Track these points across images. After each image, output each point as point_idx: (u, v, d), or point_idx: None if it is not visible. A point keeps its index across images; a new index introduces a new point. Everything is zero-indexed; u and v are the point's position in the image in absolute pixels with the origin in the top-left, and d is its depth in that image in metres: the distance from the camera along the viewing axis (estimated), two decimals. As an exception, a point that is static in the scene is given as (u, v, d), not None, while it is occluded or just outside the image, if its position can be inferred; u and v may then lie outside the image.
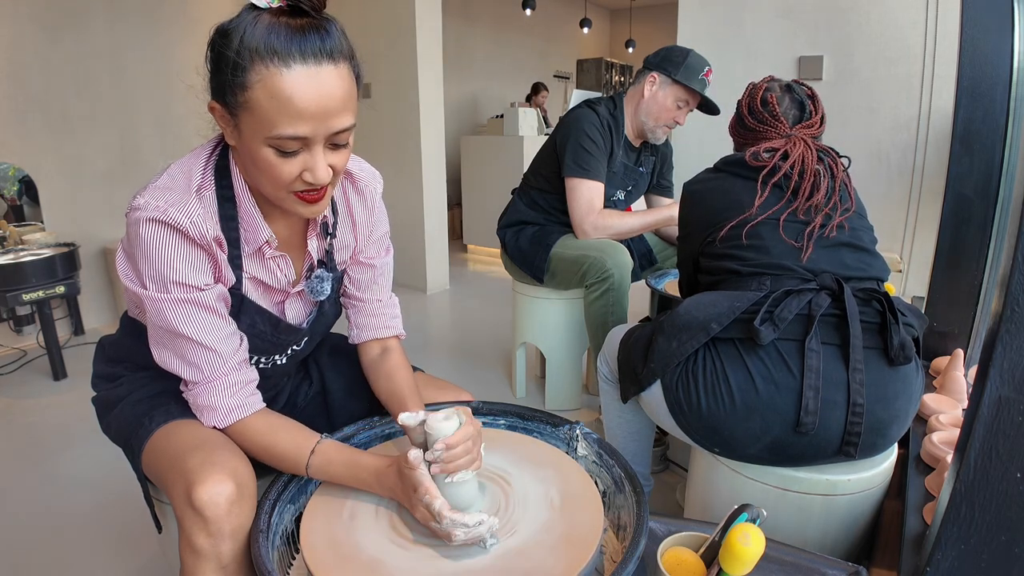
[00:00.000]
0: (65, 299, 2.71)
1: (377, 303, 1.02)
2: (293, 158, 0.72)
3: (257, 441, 0.84)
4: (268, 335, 0.91)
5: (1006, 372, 0.67)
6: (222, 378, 0.82)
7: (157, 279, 0.77)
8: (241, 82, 0.67)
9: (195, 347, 0.80)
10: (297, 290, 0.92)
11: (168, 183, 0.77)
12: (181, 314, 0.78)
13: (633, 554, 0.68)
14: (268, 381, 1.00)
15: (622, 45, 8.37)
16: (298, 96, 0.67)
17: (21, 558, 1.47)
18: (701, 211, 1.20)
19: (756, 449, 1.01)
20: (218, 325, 0.81)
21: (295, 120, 0.68)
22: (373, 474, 0.81)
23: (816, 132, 1.17)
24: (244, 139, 0.72)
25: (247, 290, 0.86)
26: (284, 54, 0.66)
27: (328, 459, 0.83)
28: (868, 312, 1.02)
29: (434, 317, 3.47)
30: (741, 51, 2.42)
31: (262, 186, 0.77)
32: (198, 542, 0.74)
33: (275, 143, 0.70)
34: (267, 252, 0.86)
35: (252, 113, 0.69)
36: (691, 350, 1.04)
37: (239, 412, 0.84)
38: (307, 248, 0.91)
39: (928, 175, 2.12)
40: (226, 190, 0.80)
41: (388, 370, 0.99)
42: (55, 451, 1.96)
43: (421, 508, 0.75)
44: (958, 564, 0.75)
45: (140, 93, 3.17)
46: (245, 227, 0.82)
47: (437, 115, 3.67)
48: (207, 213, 0.77)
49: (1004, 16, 1.32)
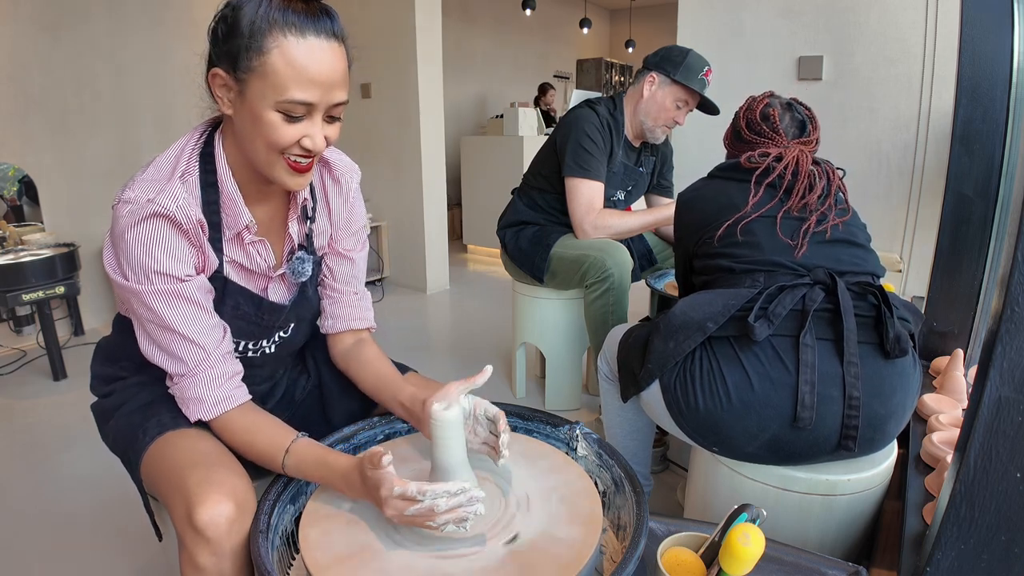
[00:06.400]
0: (65, 299, 2.71)
1: (353, 295, 1.05)
2: (296, 124, 0.76)
3: (238, 438, 0.85)
4: (252, 316, 0.92)
5: (1006, 372, 0.67)
6: (207, 370, 0.84)
7: (139, 270, 0.78)
8: (259, 46, 0.72)
9: (178, 339, 0.82)
10: (279, 273, 0.94)
11: (154, 174, 0.80)
12: (163, 305, 0.80)
13: (633, 554, 0.68)
14: (262, 371, 1.01)
15: (622, 45, 8.37)
16: (311, 65, 0.73)
17: (21, 558, 1.47)
18: (695, 215, 1.21)
19: (755, 447, 1.01)
20: (200, 317, 0.83)
21: (307, 87, 0.74)
22: (340, 476, 0.79)
23: (812, 148, 1.18)
24: (248, 104, 0.75)
25: (229, 273, 0.88)
26: (302, 27, 0.73)
27: (301, 458, 0.82)
28: (863, 306, 1.02)
29: (434, 317, 3.47)
30: (741, 51, 2.41)
31: (257, 152, 0.79)
32: (201, 561, 0.76)
33: (285, 107, 0.74)
34: (247, 237, 0.87)
35: (265, 77, 0.73)
36: (688, 350, 1.04)
37: (225, 404, 0.85)
38: (288, 231, 0.93)
39: (928, 175, 2.12)
40: (209, 175, 0.83)
41: (368, 358, 1.01)
42: (55, 451, 1.96)
43: (393, 502, 0.72)
44: (958, 564, 0.75)
45: (140, 93, 3.17)
46: (226, 212, 0.85)
47: (437, 115, 3.67)
48: (191, 197, 0.80)
49: (1004, 16, 1.32)
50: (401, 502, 0.72)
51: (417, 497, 0.71)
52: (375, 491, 0.74)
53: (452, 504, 0.70)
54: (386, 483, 0.72)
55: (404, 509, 0.72)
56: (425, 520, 0.71)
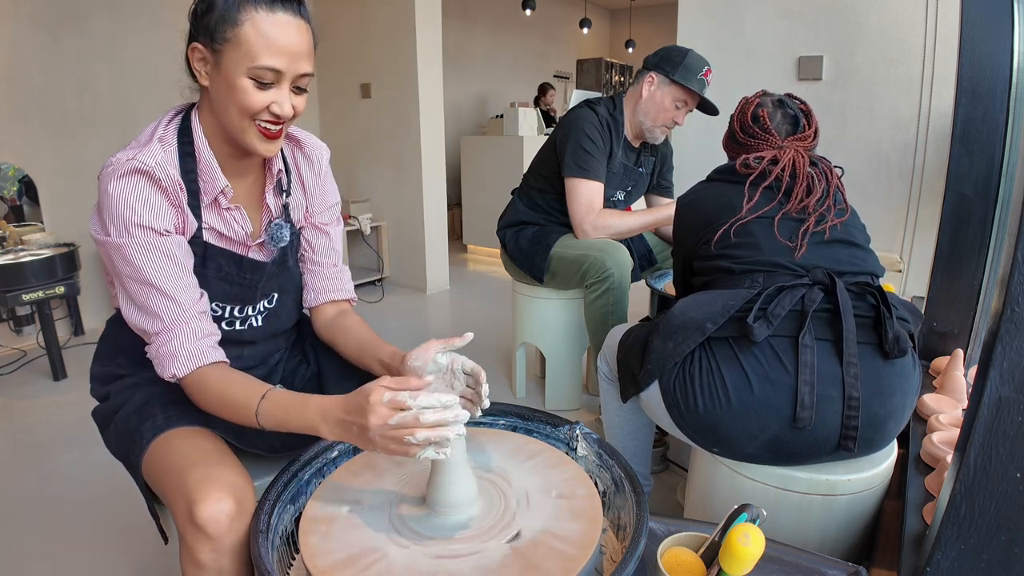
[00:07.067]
0: (65, 299, 2.71)
1: (333, 267, 1.10)
2: (266, 90, 0.84)
3: (213, 390, 0.84)
4: (235, 276, 0.96)
5: (1006, 372, 0.67)
6: (182, 325, 0.86)
7: (120, 223, 0.83)
8: (233, 19, 0.80)
9: (156, 294, 0.84)
10: (258, 242, 0.99)
11: (134, 144, 0.87)
12: (142, 258, 0.84)
13: (633, 554, 0.68)
14: (255, 349, 1.04)
15: (622, 45, 8.37)
16: (280, 36, 0.82)
17: (21, 558, 1.47)
18: (696, 216, 1.21)
19: (754, 448, 1.02)
20: (178, 273, 0.86)
21: (276, 55, 0.82)
22: (318, 411, 0.78)
23: (809, 144, 1.17)
24: (224, 73, 0.83)
25: (209, 239, 0.93)
26: (272, 4, 0.81)
27: (277, 403, 0.81)
28: (862, 306, 1.02)
29: (434, 317, 3.47)
30: (741, 51, 2.41)
31: (231, 118, 0.85)
32: (201, 557, 0.77)
33: (255, 73, 0.82)
34: (222, 202, 0.92)
35: (239, 47, 0.81)
36: (687, 350, 1.04)
37: (199, 359, 0.85)
38: (265, 203, 0.99)
39: (928, 175, 2.12)
40: (187, 146, 0.89)
41: (349, 326, 1.05)
42: (55, 451, 1.96)
43: (380, 409, 0.70)
44: (958, 564, 0.75)
45: (140, 93, 3.17)
46: (203, 179, 0.90)
47: (437, 115, 3.67)
48: (168, 160, 0.86)
49: (1004, 16, 1.32)
50: (387, 409, 0.70)
51: (408, 402, 0.70)
52: (363, 400, 0.72)
53: (438, 418, 0.69)
54: (377, 390, 0.72)
55: (389, 418, 0.70)
56: (405, 434, 0.69)
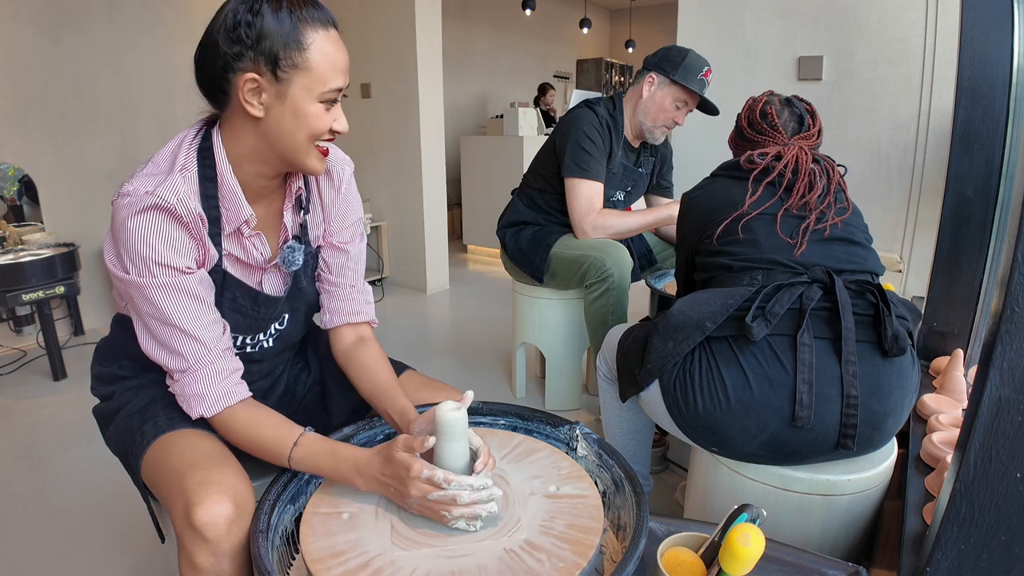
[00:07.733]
0: (65, 299, 2.71)
1: (350, 288, 1.04)
2: (330, 110, 0.82)
3: (242, 432, 0.85)
4: (248, 309, 0.93)
5: (1006, 372, 0.67)
6: (207, 366, 0.83)
7: (140, 262, 0.78)
8: (299, 43, 0.76)
9: (179, 334, 0.82)
10: (273, 264, 0.95)
11: (153, 169, 0.81)
12: (164, 299, 0.80)
13: (633, 554, 0.68)
14: (260, 367, 1.02)
15: (622, 45, 8.37)
16: (339, 55, 0.80)
17: (21, 558, 1.47)
18: (699, 212, 1.21)
19: (754, 447, 1.01)
20: (201, 312, 0.83)
21: (341, 74, 0.80)
22: (352, 466, 0.80)
23: (813, 143, 1.18)
24: (291, 100, 0.78)
25: (227, 267, 0.89)
26: (324, 20, 0.78)
27: (309, 451, 0.83)
28: (861, 305, 1.02)
29: (434, 317, 3.47)
30: (741, 51, 2.41)
31: (297, 145, 0.81)
32: (199, 561, 0.76)
33: (327, 96, 0.79)
34: (245, 231, 0.89)
35: (309, 72, 0.77)
36: (687, 350, 1.04)
37: (226, 400, 0.84)
38: (283, 221, 0.94)
39: (928, 175, 2.11)
40: (208, 170, 0.83)
41: (366, 363, 1.00)
42: (55, 451, 1.96)
43: (420, 484, 0.74)
44: (958, 564, 0.75)
45: (140, 93, 3.17)
46: (226, 206, 0.85)
47: (437, 115, 3.67)
48: (190, 191, 0.81)
49: (1004, 16, 1.32)
50: (427, 486, 0.74)
51: (443, 485, 0.73)
52: (403, 471, 0.75)
53: (473, 498, 0.73)
54: (416, 464, 0.74)
55: (428, 493, 0.74)
56: (442, 509, 0.74)
